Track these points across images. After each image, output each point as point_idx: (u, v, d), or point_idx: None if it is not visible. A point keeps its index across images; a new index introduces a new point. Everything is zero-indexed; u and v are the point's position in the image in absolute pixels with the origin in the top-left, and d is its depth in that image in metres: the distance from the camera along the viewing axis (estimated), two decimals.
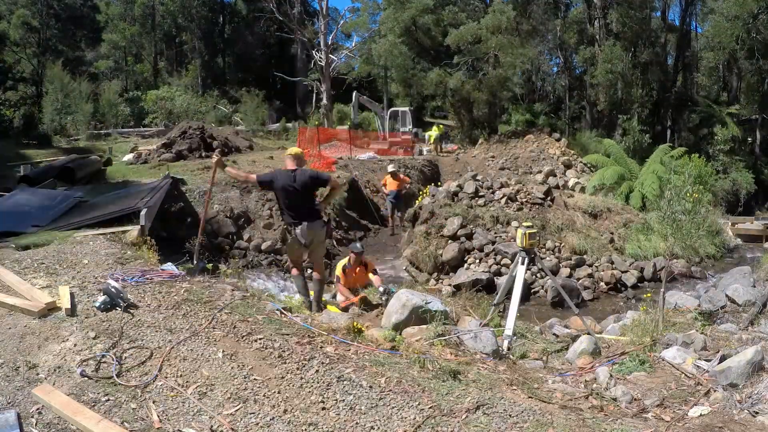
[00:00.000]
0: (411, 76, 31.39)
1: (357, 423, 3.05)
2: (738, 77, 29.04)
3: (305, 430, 2.96)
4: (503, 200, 13.30)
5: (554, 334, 6.56)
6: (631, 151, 22.75)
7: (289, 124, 29.62)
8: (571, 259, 11.84)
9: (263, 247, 11.79)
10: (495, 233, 12.06)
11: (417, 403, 3.30)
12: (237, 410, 3.10)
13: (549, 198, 13.41)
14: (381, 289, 6.46)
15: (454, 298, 9.28)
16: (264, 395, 3.28)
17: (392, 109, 30.84)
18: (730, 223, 17.55)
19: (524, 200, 13.32)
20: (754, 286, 7.09)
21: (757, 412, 3.30)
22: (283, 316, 4.62)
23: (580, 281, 11.37)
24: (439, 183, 18.32)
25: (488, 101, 27.21)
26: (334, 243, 13.20)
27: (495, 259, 11.53)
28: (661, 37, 31.73)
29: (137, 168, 15.53)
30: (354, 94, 27.91)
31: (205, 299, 4.69)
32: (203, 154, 18.18)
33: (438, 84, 28.78)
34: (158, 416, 3.02)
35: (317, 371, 3.62)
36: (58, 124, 24.32)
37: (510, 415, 3.22)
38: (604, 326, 7.16)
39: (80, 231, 6.69)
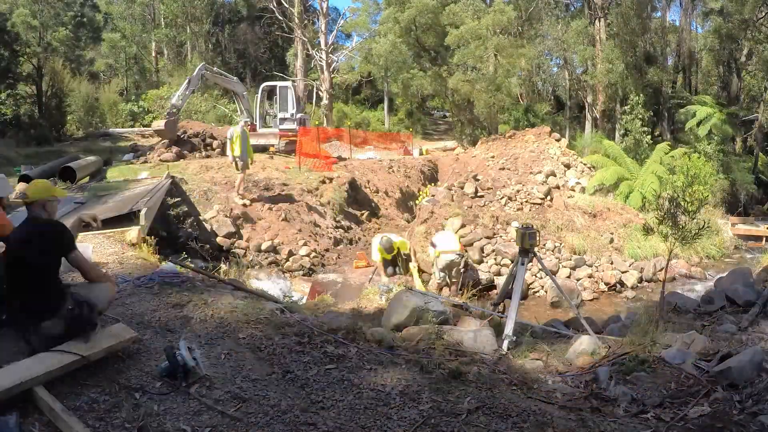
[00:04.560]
0: (411, 76, 31.39)
1: (357, 423, 3.05)
2: (738, 77, 29.05)
3: (305, 430, 2.96)
4: (503, 200, 13.31)
5: (556, 332, 6.56)
6: (632, 151, 22.75)
7: None
8: (571, 259, 11.84)
9: (263, 247, 11.79)
10: (495, 233, 12.07)
11: (417, 403, 3.29)
12: (236, 410, 3.10)
13: (549, 198, 13.42)
14: (382, 288, 6.47)
15: (455, 298, 9.28)
16: (263, 395, 3.27)
17: (266, 84, 22.20)
18: (730, 223, 17.57)
19: (524, 200, 13.34)
20: (754, 287, 7.08)
21: (757, 413, 3.30)
22: (282, 315, 4.62)
23: (580, 281, 11.37)
24: (437, 183, 18.33)
25: (488, 101, 27.19)
26: (333, 243, 13.19)
27: (495, 259, 11.54)
28: (661, 37, 31.73)
29: (137, 168, 15.52)
30: (199, 67, 19.48)
31: (205, 299, 4.69)
32: (204, 154, 18.21)
33: (438, 84, 28.77)
34: (157, 416, 3.02)
35: (317, 371, 3.62)
36: (59, 123, 24.31)
37: (510, 415, 3.22)
38: (604, 326, 7.16)
39: (80, 231, 6.69)
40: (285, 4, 28.96)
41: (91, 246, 5.46)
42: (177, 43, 40.37)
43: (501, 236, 11.95)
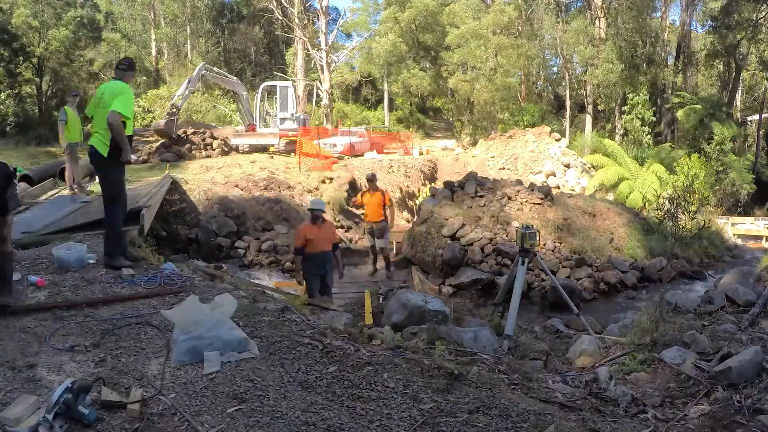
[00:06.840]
0: (411, 75, 31.39)
1: (357, 423, 3.05)
2: (738, 77, 29.06)
3: (305, 430, 2.96)
4: (503, 200, 13.29)
5: (556, 332, 6.57)
6: (632, 151, 22.77)
7: None
8: (571, 259, 11.83)
9: (263, 246, 11.79)
10: (495, 233, 12.06)
11: (417, 402, 3.29)
12: (237, 410, 3.10)
13: (549, 198, 13.40)
14: (382, 289, 6.47)
15: (455, 298, 9.29)
16: (264, 395, 3.28)
17: (266, 84, 22.73)
18: (730, 223, 17.59)
19: (524, 200, 13.32)
20: (755, 286, 7.08)
21: (757, 413, 3.30)
22: (282, 315, 4.62)
23: (580, 281, 11.36)
24: (436, 182, 18.33)
25: (488, 100, 27.22)
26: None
27: (495, 259, 11.53)
28: (661, 37, 31.74)
29: (137, 167, 15.52)
30: (199, 67, 20.04)
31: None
32: (204, 154, 18.22)
33: (438, 84, 28.79)
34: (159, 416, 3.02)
35: (317, 371, 3.62)
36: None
37: (510, 415, 3.22)
38: (604, 326, 7.16)
39: (79, 231, 6.69)
40: (285, 4, 28.98)
41: (85, 246, 5.45)
42: (177, 43, 40.40)
43: (501, 236, 11.94)
